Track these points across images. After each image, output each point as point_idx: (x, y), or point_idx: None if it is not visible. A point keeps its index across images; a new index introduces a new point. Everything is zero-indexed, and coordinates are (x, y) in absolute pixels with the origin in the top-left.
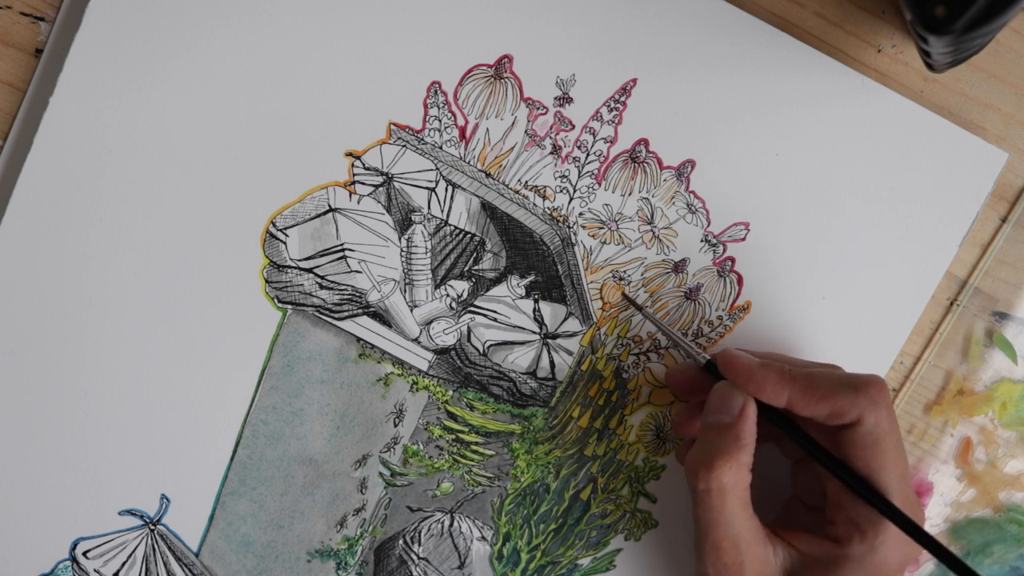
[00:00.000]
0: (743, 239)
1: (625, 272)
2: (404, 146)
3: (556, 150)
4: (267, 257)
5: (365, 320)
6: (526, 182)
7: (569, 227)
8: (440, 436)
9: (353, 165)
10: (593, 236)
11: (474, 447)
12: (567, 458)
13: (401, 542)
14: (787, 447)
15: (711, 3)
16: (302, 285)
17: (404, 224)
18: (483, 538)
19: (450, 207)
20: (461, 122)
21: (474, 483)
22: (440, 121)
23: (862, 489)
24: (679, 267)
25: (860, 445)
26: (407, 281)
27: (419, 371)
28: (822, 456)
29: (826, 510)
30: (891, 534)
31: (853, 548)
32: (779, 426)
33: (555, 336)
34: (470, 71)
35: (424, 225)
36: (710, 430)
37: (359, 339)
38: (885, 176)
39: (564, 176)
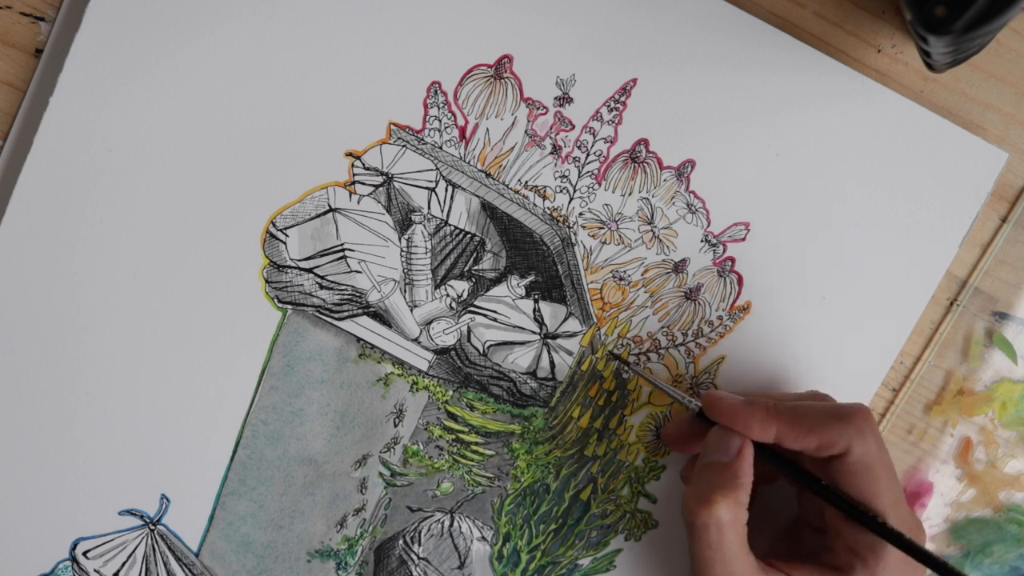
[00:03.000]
0: (743, 239)
1: (625, 272)
2: (404, 146)
3: (556, 150)
4: (267, 257)
5: (365, 320)
6: (526, 182)
7: (569, 227)
8: (440, 436)
9: (353, 165)
10: (593, 236)
11: (474, 447)
12: (567, 458)
13: (401, 542)
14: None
15: (711, 3)
16: (302, 285)
17: (404, 224)
18: (483, 538)
19: (450, 207)
20: (461, 122)
21: (474, 483)
22: (440, 121)
23: (858, 514)
24: (679, 267)
25: (852, 473)
26: (407, 281)
27: (419, 371)
28: (818, 487)
29: (827, 538)
30: (892, 559)
31: None
32: (773, 463)
33: (555, 336)
34: (470, 71)
35: (424, 225)
36: (708, 469)
37: (359, 339)
38: (885, 176)
39: (564, 176)
